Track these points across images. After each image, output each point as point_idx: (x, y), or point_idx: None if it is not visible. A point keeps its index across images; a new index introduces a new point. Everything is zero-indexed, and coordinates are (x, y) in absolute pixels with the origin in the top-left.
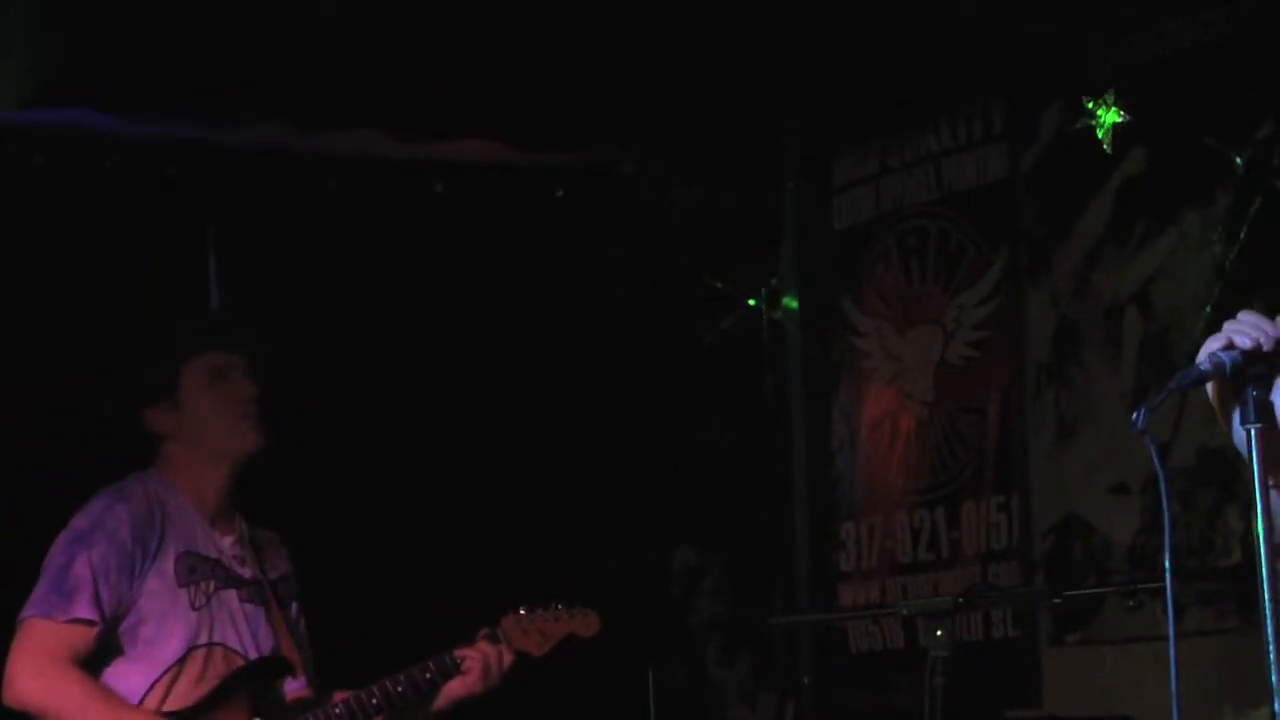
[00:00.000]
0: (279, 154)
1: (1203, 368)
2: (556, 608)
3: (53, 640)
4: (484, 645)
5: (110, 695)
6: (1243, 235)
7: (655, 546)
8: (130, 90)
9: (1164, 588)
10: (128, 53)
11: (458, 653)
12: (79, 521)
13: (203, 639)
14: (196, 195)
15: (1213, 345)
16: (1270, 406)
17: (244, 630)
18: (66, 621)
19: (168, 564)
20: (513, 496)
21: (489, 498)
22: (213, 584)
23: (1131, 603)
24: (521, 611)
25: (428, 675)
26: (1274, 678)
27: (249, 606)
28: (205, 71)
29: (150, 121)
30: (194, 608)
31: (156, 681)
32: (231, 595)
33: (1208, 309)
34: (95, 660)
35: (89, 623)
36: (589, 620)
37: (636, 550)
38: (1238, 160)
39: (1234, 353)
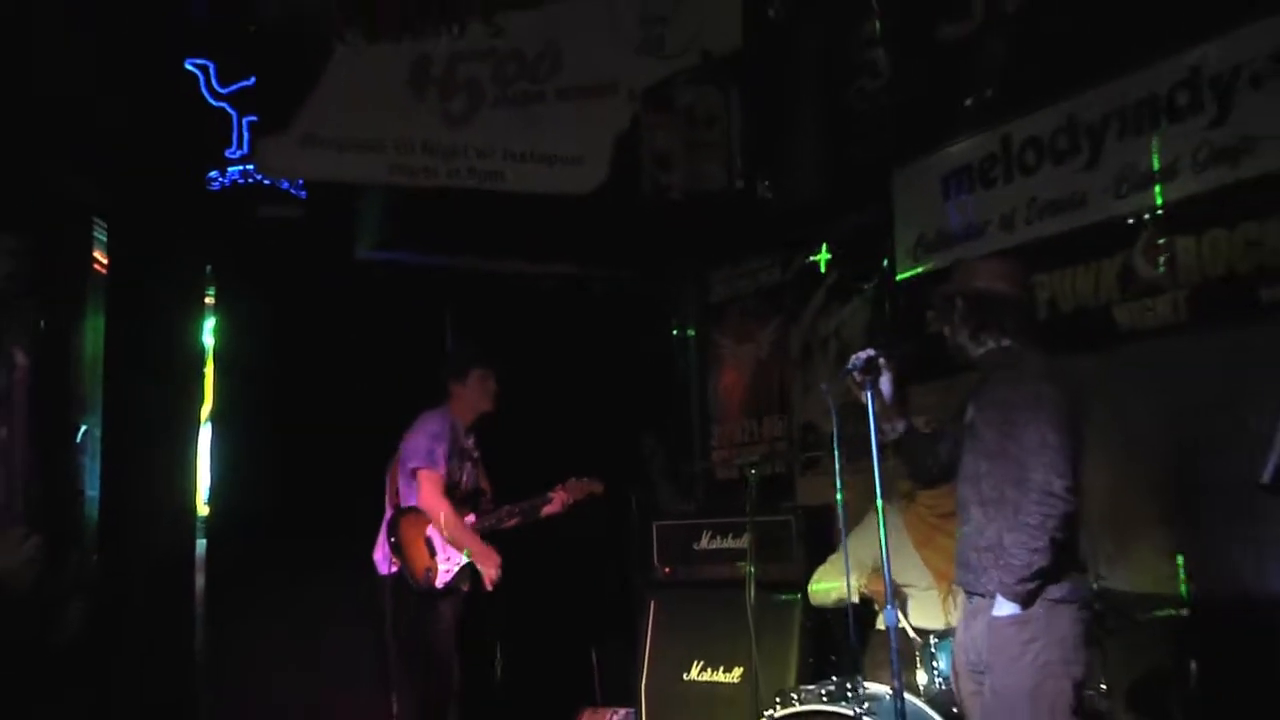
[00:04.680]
0: (476, 272)
1: (849, 367)
2: (585, 478)
3: (436, 480)
4: (559, 491)
5: (453, 507)
6: (877, 309)
7: (633, 437)
8: (413, 239)
9: (838, 454)
10: (399, 224)
11: (549, 494)
12: (430, 424)
13: (459, 480)
14: (441, 294)
15: (856, 358)
16: (879, 386)
17: (484, 477)
18: (438, 472)
19: (455, 451)
20: (571, 422)
21: (561, 424)
22: (464, 457)
23: (831, 458)
24: (572, 479)
25: (537, 501)
26: (878, 490)
27: (476, 469)
28: (443, 232)
29: (419, 255)
30: (460, 468)
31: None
32: (469, 465)
33: (863, 341)
34: None
35: (442, 474)
36: (599, 485)
37: (625, 440)
38: (876, 277)
39: (861, 359)
